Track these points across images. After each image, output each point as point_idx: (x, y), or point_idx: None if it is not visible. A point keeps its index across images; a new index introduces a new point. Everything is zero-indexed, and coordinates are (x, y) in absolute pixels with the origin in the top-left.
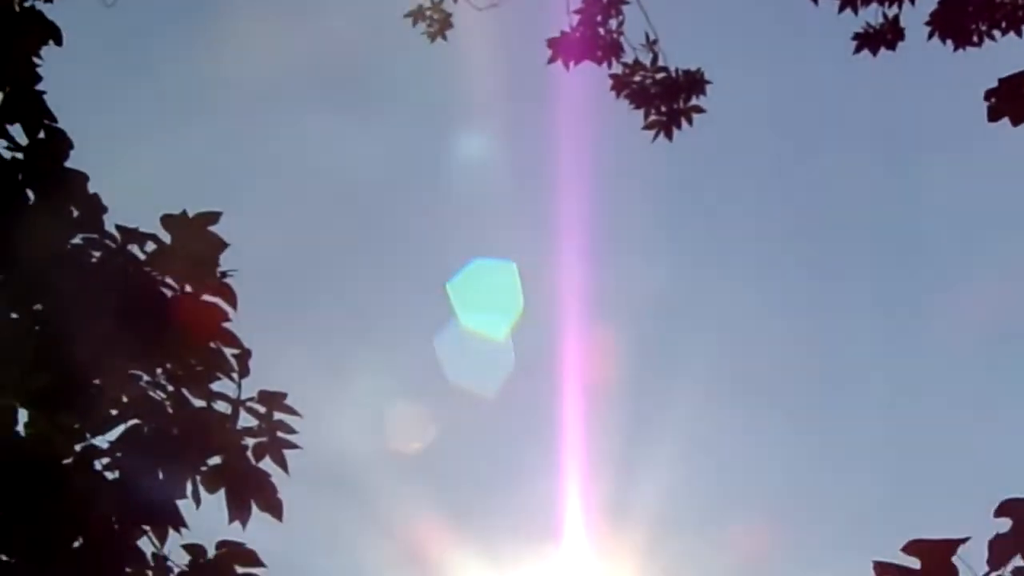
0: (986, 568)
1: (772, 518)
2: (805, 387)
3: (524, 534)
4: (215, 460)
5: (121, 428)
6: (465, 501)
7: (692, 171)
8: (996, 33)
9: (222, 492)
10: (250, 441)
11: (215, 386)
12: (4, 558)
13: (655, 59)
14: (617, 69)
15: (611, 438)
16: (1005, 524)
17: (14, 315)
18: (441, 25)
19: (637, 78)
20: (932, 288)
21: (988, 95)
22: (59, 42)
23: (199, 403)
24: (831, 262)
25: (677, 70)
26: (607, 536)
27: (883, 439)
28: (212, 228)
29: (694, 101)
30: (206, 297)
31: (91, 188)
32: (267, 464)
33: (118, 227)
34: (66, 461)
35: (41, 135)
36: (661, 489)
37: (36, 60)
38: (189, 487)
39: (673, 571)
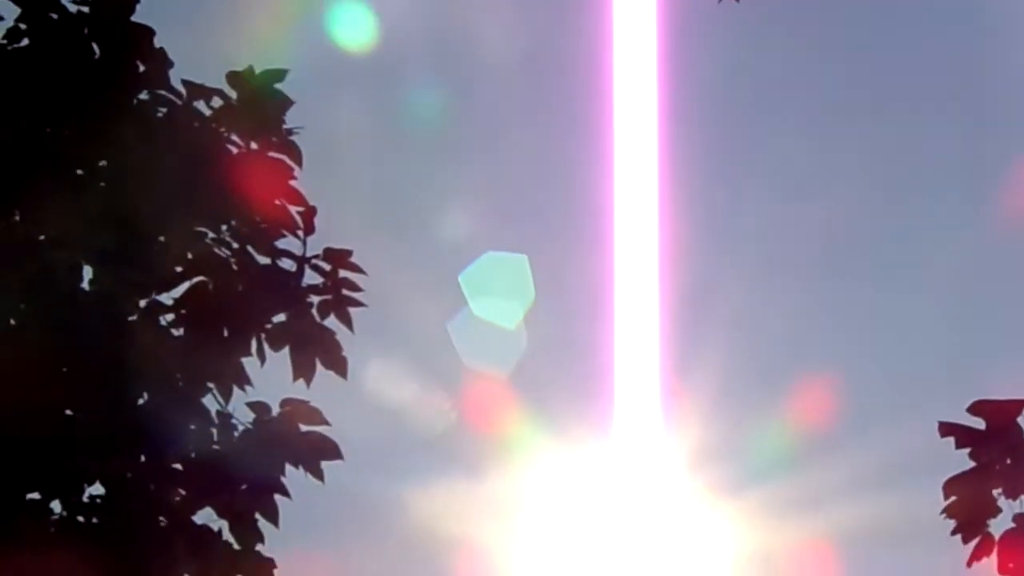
0: None
1: (838, 378)
2: (878, 245)
3: (581, 397)
4: (280, 318)
5: (186, 285)
6: (522, 363)
7: (761, 28)
8: None
9: (286, 350)
10: (315, 299)
11: (280, 243)
12: (69, 413)
13: None
14: None
15: (675, 293)
16: None
17: (80, 171)
18: None
19: None
20: (1013, 155)
21: None
22: None
23: (264, 260)
24: (910, 121)
25: None
26: (669, 400)
27: (954, 302)
28: (278, 85)
29: None
30: (271, 154)
31: (157, 43)
32: (332, 322)
33: (184, 82)
34: (131, 318)
35: None
36: (725, 351)
37: None
38: (254, 344)
39: (737, 435)
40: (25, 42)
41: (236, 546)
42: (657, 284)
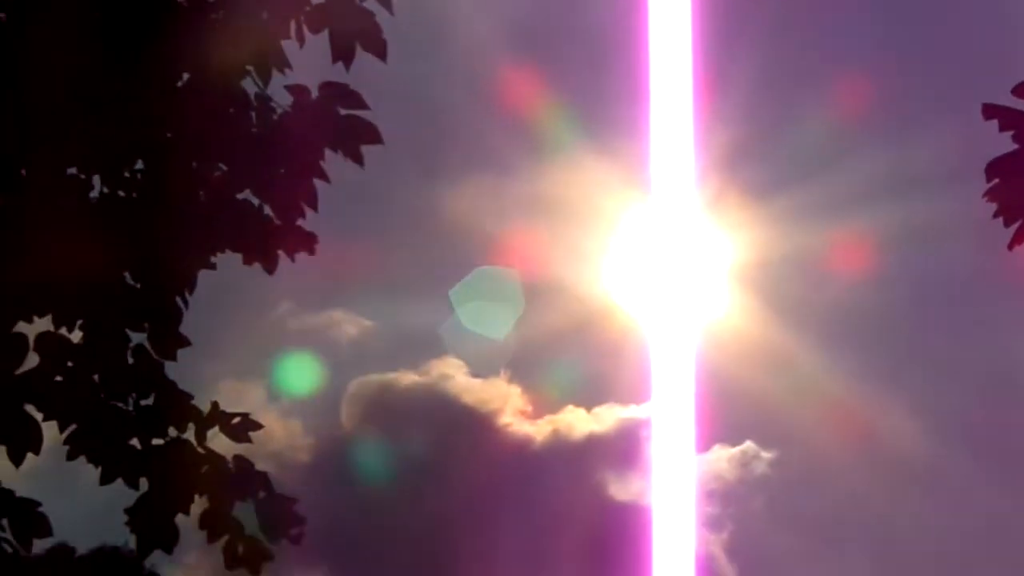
0: None
1: (874, 73)
2: None
3: (616, 96)
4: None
5: None
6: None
7: None
8: None
9: (326, 32)
10: None
11: None
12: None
13: None
14: None
15: None
16: None
17: None
18: None
19: None
20: None
21: None
22: None
23: None
24: None
25: None
26: (703, 99)
27: None
28: None
29: None
30: None
31: None
32: (371, 4)
33: None
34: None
35: None
36: (761, 47)
37: None
38: (293, 27)
39: (773, 134)
40: None
41: (277, 221)
42: None
